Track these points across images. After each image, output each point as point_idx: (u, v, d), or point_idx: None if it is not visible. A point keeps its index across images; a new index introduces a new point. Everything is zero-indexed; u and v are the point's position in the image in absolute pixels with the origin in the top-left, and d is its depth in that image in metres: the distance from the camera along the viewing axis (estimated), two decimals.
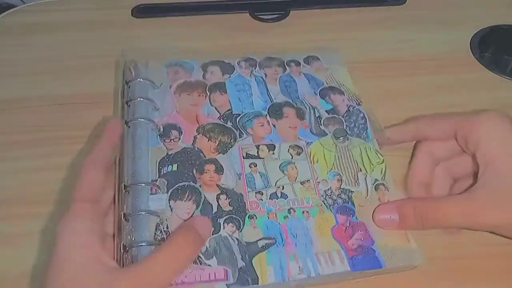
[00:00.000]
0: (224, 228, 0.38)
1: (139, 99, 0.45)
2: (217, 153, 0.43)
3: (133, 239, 0.36)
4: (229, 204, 0.39)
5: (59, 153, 0.47)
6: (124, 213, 0.37)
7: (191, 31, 0.63)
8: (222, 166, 0.42)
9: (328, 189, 0.41)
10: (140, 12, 0.66)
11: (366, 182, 0.42)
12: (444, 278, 0.38)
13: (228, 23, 0.64)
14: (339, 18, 0.65)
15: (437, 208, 0.37)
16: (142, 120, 0.43)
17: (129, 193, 0.38)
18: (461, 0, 0.67)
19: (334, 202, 0.40)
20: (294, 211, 0.39)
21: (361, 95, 0.50)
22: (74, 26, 0.64)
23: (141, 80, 0.47)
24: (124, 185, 0.39)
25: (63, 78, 0.55)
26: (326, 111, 0.48)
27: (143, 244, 0.35)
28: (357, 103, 0.49)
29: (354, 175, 0.42)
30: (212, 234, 0.37)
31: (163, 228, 0.37)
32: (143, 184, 0.39)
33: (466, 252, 0.40)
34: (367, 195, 0.41)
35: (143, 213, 0.37)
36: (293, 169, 0.42)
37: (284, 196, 0.40)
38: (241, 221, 0.38)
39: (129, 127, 0.43)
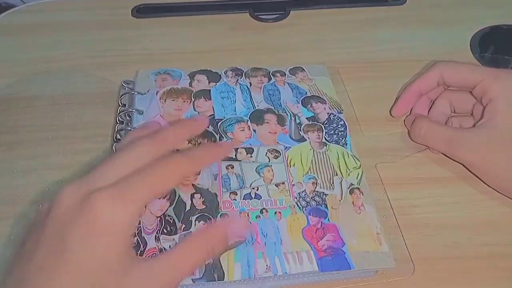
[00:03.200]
0: (195, 225, 0.41)
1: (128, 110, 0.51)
2: None
3: None
4: (203, 203, 0.43)
5: (59, 153, 0.49)
6: None
7: (191, 31, 0.66)
8: None
9: (303, 192, 0.44)
10: (140, 12, 0.69)
11: (341, 186, 0.44)
12: (444, 278, 0.39)
13: (228, 23, 0.67)
14: (339, 18, 0.67)
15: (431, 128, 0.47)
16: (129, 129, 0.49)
17: None
18: (461, 0, 0.69)
19: (307, 204, 0.43)
20: (267, 211, 0.42)
21: (360, 95, 0.53)
22: (74, 26, 0.67)
23: (132, 92, 0.53)
24: None
25: (63, 78, 0.58)
26: (306, 118, 0.51)
27: None
28: (339, 111, 0.52)
29: (330, 179, 0.45)
30: (183, 231, 0.40)
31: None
32: None
33: (466, 252, 0.41)
34: (341, 198, 0.44)
35: None
36: (269, 171, 0.45)
37: (258, 197, 0.43)
38: (212, 219, 0.42)
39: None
